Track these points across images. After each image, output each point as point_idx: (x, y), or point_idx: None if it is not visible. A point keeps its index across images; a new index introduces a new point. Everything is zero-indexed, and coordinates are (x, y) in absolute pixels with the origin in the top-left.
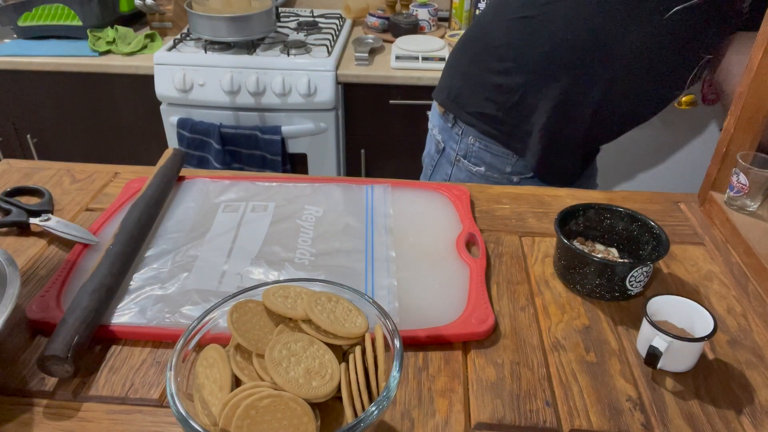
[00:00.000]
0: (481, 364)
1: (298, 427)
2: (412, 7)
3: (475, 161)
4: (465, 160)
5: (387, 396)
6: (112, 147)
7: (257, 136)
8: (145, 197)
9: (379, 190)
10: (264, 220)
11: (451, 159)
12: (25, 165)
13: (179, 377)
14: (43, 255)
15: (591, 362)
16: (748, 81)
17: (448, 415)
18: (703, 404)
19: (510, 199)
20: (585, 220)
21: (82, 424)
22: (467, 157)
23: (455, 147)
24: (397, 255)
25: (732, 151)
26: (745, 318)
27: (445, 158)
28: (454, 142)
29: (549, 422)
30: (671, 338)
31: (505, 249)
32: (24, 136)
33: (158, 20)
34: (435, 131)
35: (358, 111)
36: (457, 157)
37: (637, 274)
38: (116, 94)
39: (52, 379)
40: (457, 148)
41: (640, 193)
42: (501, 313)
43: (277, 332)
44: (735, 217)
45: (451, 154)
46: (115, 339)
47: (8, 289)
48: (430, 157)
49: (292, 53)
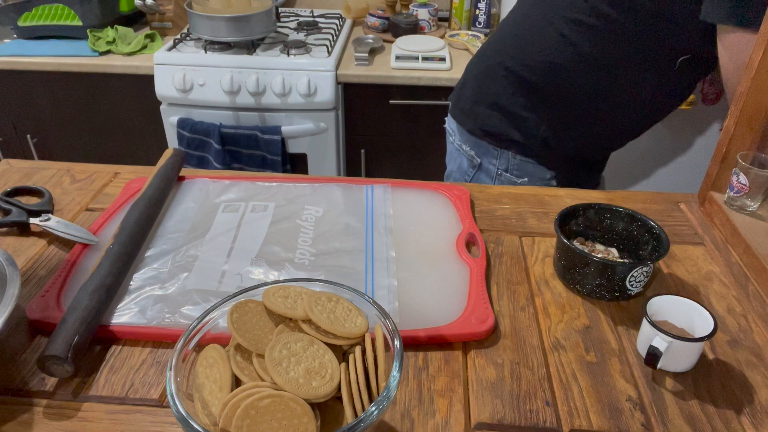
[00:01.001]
0: (481, 364)
1: (298, 427)
2: (412, 7)
3: (518, 173)
4: (507, 174)
5: (387, 396)
6: (112, 147)
7: (257, 136)
8: (145, 197)
9: (379, 190)
10: (264, 220)
11: (491, 173)
12: (25, 165)
13: (179, 377)
14: (43, 255)
15: (591, 362)
16: (748, 81)
17: (448, 415)
18: (703, 404)
19: (510, 199)
20: (585, 220)
21: (82, 424)
22: (509, 170)
23: (495, 162)
24: (397, 255)
25: (732, 151)
26: (745, 318)
27: (484, 173)
28: (492, 157)
29: (549, 422)
30: (671, 338)
31: (505, 249)
32: (24, 136)
33: (158, 20)
34: (465, 147)
35: (358, 111)
36: (498, 172)
37: (637, 274)
38: (116, 94)
39: (52, 379)
40: (497, 163)
41: (640, 193)
42: (501, 313)
43: (277, 332)
44: (735, 217)
45: (492, 169)
46: (115, 339)
47: (8, 289)
48: (462, 172)
49: (292, 53)
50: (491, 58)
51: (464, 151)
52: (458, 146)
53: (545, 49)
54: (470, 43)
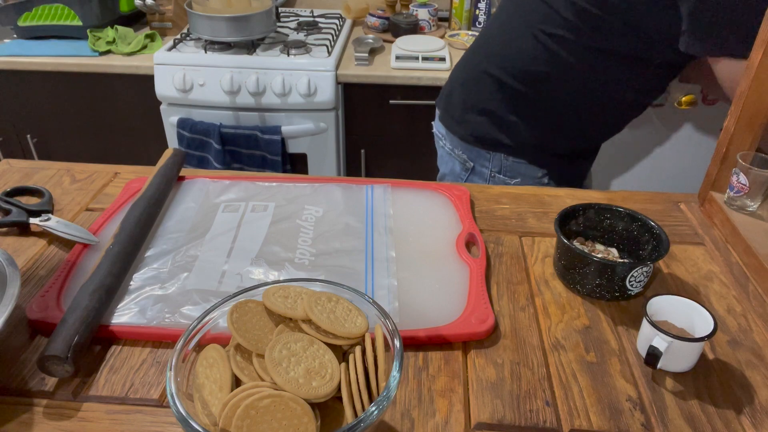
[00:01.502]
0: (481, 364)
1: (298, 427)
2: (412, 7)
3: (511, 174)
4: (501, 175)
5: (387, 396)
6: (112, 147)
7: (257, 136)
8: (145, 197)
9: (379, 190)
10: (264, 220)
11: (485, 175)
12: (25, 165)
13: (179, 377)
14: (43, 255)
15: (591, 362)
16: (748, 81)
17: (448, 415)
18: (703, 404)
19: (510, 199)
20: (585, 220)
21: (82, 424)
22: (502, 172)
23: (488, 165)
24: (397, 255)
25: (732, 151)
26: (745, 318)
27: (477, 175)
28: (485, 159)
29: (549, 422)
30: (671, 338)
31: (505, 249)
32: (24, 136)
33: (158, 20)
34: (457, 151)
35: (358, 111)
36: (491, 174)
37: (637, 274)
38: (116, 94)
39: (52, 379)
40: (490, 166)
41: (640, 193)
42: (501, 313)
43: (277, 332)
44: (735, 217)
45: (485, 172)
46: (115, 339)
47: (8, 289)
48: (455, 175)
49: (292, 53)
50: (476, 65)
51: (456, 155)
52: (449, 150)
53: (526, 57)
54: (470, 43)
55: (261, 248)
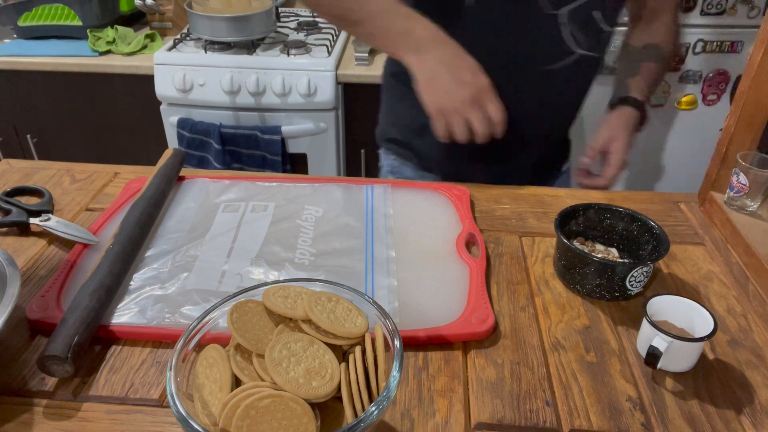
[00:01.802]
0: (481, 364)
1: (298, 427)
2: None
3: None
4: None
5: (387, 396)
6: (112, 147)
7: (257, 136)
8: (145, 197)
9: (379, 190)
10: (264, 220)
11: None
12: (25, 165)
13: (179, 377)
14: (43, 255)
15: (591, 362)
16: (748, 81)
17: (448, 415)
18: (703, 404)
19: (510, 199)
20: (585, 220)
21: (82, 424)
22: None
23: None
24: (397, 255)
25: (732, 151)
26: (745, 318)
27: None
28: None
29: (549, 422)
30: (671, 338)
31: (505, 249)
32: (24, 136)
33: (158, 20)
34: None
35: (358, 111)
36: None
37: (637, 274)
38: (116, 94)
39: (52, 379)
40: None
41: (640, 193)
42: (501, 313)
43: (277, 332)
44: (735, 217)
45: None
46: (115, 339)
47: (8, 289)
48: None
49: (292, 53)
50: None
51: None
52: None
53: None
54: None
55: (261, 248)
